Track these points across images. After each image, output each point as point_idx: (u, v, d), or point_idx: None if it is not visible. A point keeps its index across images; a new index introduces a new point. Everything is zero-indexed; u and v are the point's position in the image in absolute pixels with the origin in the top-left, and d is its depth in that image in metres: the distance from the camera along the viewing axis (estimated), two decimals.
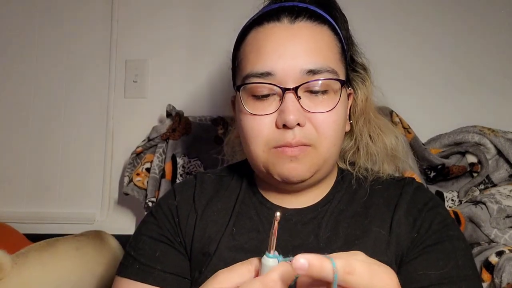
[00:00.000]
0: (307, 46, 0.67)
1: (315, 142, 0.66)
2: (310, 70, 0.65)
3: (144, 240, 0.73)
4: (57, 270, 0.98)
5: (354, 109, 0.77)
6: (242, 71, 0.70)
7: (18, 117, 1.51)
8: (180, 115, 1.32)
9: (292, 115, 0.64)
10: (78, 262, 1.02)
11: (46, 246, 1.03)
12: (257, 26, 0.70)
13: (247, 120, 0.68)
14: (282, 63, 0.66)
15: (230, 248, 0.70)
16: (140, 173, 1.31)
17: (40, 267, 0.96)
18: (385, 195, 0.72)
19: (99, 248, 1.10)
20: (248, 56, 0.70)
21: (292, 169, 0.66)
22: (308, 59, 0.66)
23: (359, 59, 0.80)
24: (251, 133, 0.68)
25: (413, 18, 1.39)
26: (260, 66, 0.67)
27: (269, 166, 0.68)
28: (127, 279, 0.70)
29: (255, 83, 0.67)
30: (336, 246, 0.67)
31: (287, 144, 0.65)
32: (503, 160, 1.19)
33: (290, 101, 0.65)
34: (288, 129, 0.65)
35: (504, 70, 1.34)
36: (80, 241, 1.08)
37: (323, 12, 0.72)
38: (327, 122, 0.66)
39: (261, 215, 0.73)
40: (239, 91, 0.69)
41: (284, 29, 0.68)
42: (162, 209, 0.76)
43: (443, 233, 0.66)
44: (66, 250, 1.03)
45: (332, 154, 0.69)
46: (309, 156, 0.66)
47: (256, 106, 0.67)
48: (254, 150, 0.69)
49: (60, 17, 1.52)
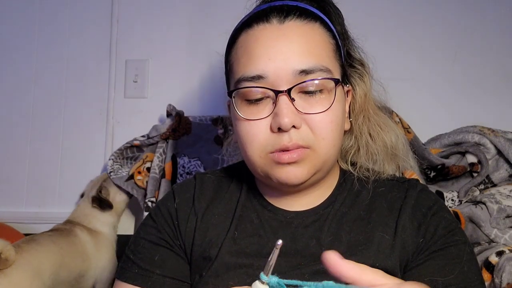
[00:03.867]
0: (298, 46, 0.65)
1: (313, 144, 0.65)
2: (302, 70, 0.64)
3: (143, 244, 0.73)
4: (43, 262, 1.08)
5: (353, 106, 0.76)
6: (234, 75, 0.69)
7: (18, 117, 1.51)
8: (180, 115, 1.32)
9: (286, 118, 0.62)
10: (57, 255, 1.13)
11: (30, 240, 1.12)
12: (247, 28, 0.69)
13: (242, 125, 0.67)
14: (273, 65, 0.64)
15: (232, 253, 0.69)
16: (142, 172, 1.31)
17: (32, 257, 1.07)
18: (389, 198, 0.71)
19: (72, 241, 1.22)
20: (240, 60, 0.68)
21: (291, 173, 0.65)
22: (300, 59, 0.64)
23: (356, 54, 0.78)
24: (247, 138, 0.67)
25: (413, 17, 1.39)
26: (251, 70, 0.65)
27: (267, 171, 0.67)
28: (126, 283, 0.70)
29: (247, 88, 0.65)
30: (339, 251, 0.65)
31: (283, 147, 0.64)
32: (503, 160, 1.19)
33: (283, 104, 0.63)
34: (284, 132, 0.63)
35: (504, 70, 1.34)
36: (52, 236, 1.18)
37: (314, 9, 0.71)
38: (324, 123, 0.65)
39: (262, 218, 0.72)
40: (232, 96, 0.68)
41: (273, 30, 0.67)
42: (162, 212, 0.76)
43: (449, 238, 0.66)
44: (47, 243, 1.13)
45: (331, 155, 0.68)
46: (307, 159, 0.65)
47: (250, 110, 0.66)
48: (251, 155, 0.67)
49: (60, 17, 1.52)
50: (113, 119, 1.47)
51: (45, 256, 1.09)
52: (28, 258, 1.04)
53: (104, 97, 1.48)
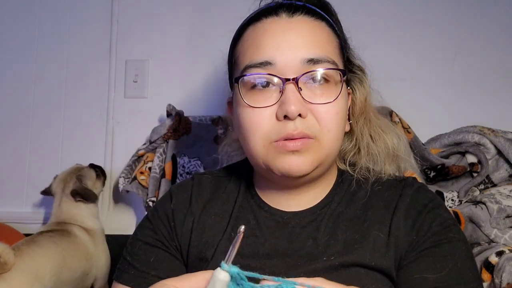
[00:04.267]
0: (306, 38, 0.66)
1: (318, 135, 0.65)
2: (310, 59, 0.64)
3: (140, 246, 0.73)
4: (43, 264, 1.06)
5: (353, 110, 0.77)
6: (240, 65, 0.69)
7: (18, 117, 1.51)
8: (180, 115, 1.32)
9: (293, 106, 0.62)
10: (58, 257, 1.11)
11: (30, 242, 1.10)
12: (255, 22, 0.70)
13: (246, 113, 0.67)
14: (281, 54, 0.65)
15: None
16: (144, 171, 1.31)
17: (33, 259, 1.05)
18: (385, 196, 0.71)
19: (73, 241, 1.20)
20: (246, 51, 0.69)
21: (294, 163, 0.64)
22: (308, 49, 0.65)
23: (356, 61, 0.79)
24: (250, 126, 0.66)
25: (413, 17, 1.39)
26: (259, 57, 0.66)
27: (269, 161, 0.66)
28: (123, 285, 0.71)
29: (254, 74, 0.65)
30: (335, 250, 0.66)
31: (288, 136, 0.63)
32: (503, 160, 1.19)
33: (291, 92, 0.63)
34: (290, 120, 0.63)
35: (504, 70, 1.34)
36: (53, 236, 1.16)
37: (320, 11, 0.72)
38: (330, 114, 0.65)
39: (259, 219, 0.72)
40: (238, 83, 0.67)
41: (282, 23, 0.68)
42: (158, 213, 0.76)
43: (442, 235, 0.65)
44: (48, 245, 1.12)
45: (334, 149, 0.68)
46: (312, 149, 0.65)
47: (255, 98, 0.66)
48: (254, 145, 0.67)
49: (60, 17, 1.52)
50: (113, 119, 1.47)
51: (46, 258, 1.07)
52: (28, 261, 1.02)
53: (104, 97, 1.48)
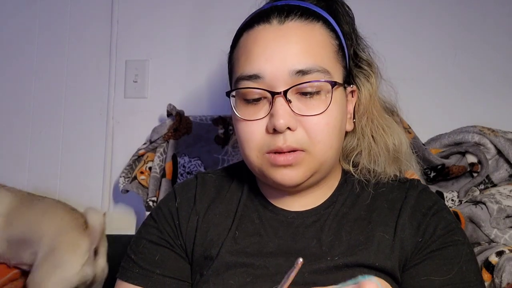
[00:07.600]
0: (296, 47, 0.66)
1: (307, 147, 0.65)
2: (299, 71, 0.64)
3: (144, 244, 0.73)
4: None
5: (358, 107, 0.76)
6: (234, 74, 0.70)
7: (18, 117, 1.51)
8: (180, 115, 1.32)
9: (281, 119, 0.63)
10: None
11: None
12: (248, 29, 0.70)
13: (240, 125, 0.68)
14: (270, 66, 0.65)
15: (232, 252, 0.69)
16: (144, 171, 1.31)
17: None
18: (389, 198, 0.71)
19: None
20: (239, 60, 0.69)
21: (286, 176, 0.66)
22: (298, 59, 0.65)
23: (364, 55, 0.78)
24: (244, 138, 0.68)
25: (413, 17, 1.38)
26: (249, 69, 0.66)
27: (264, 171, 0.68)
28: (127, 283, 0.71)
29: (244, 88, 0.66)
30: (339, 251, 0.67)
31: (277, 149, 0.64)
32: (503, 160, 1.19)
33: (279, 105, 0.64)
34: (279, 133, 0.64)
35: (504, 70, 1.34)
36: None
37: (318, 8, 0.71)
38: (320, 125, 0.65)
39: (263, 218, 0.72)
40: (231, 96, 0.69)
41: (272, 31, 0.67)
42: (163, 212, 0.76)
43: (447, 238, 0.66)
44: None
45: (328, 157, 0.68)
46: (303, 162, 0.65)
47: (248, 111, 0.67)
48: (249, 155, 0.68)
49: (60, 17, 1.52)
50: (113, 119, 1.47)
51: None
52: None
53: (104, 97, 1.48)
